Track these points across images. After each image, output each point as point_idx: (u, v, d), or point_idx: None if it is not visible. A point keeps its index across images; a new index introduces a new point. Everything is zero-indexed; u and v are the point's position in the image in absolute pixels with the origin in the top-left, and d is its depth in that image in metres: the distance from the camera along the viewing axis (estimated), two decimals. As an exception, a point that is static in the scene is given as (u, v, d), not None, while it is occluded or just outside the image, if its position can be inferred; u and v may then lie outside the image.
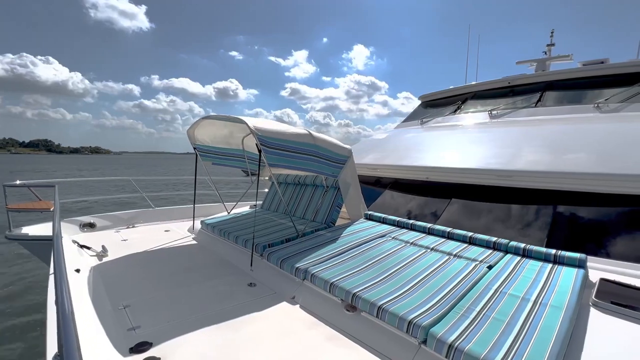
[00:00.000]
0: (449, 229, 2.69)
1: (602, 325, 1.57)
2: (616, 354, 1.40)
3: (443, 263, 2.18)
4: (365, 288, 1.90)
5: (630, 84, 3.86)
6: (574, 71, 4.53)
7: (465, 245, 2.48)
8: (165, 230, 3.82)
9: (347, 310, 1.87)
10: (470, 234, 2.56)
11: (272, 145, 2.58)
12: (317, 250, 2.51)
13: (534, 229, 2.67)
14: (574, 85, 4.42)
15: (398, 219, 3.09)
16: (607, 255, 2.28)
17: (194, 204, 3.90)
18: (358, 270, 2.15)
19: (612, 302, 1.68)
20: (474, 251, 2.34)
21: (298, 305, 2.06)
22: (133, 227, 3.95)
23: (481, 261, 2.16)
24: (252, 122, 2.54)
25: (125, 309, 1.93)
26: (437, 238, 2.67)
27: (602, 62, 4.66)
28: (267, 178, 4.18)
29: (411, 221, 2.98)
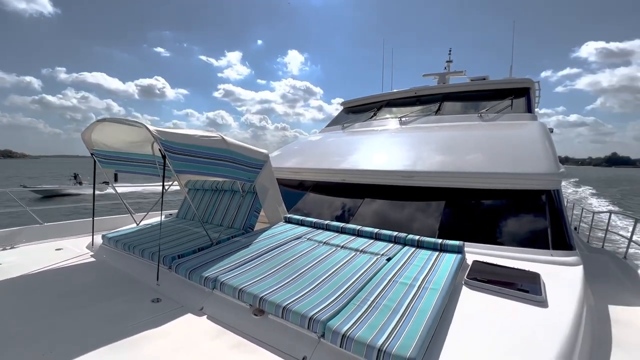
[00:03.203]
0: (359, 227, 2.89)
1: (470, 300, 1.86)
2: (478, 322, 1.67)
3: (349, 259, 2.33)
4: (273, 290, 1.92)
5: (503, 98, 4.67)
6: (463, 85, 5.30)
7: (372, 241, 2.70)
8: (57, 249, 3.31)
9: (254, 314, 1.87)
10: (376, 230, 2.78)
11: (178, 151, 2.45)
12: (230, 257, 2.46)
13: (430, 222, 3.03)
14: (464, 97, 5.17)
15: (315, 220, 3.20)
16: (484, 241, 2.71)
17: (93, 216, 3.46)
18: (269, 274, 2.17)
19: (478, 280, 2.01)
20: (378, 246, 2.56)
21: (205, 316, 1.99)
22: (12, 247, 3.33)
23: (382, 255, 2.38)
24: (155, 127, 2.37)
25: None
26: (348, 236, 2.84)
27: (484, 79, 5.56)
28: (167, 188, 3.80)
29: (326, 222, 3.12)
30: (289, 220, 3.37)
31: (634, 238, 3.34)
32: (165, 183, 2.67)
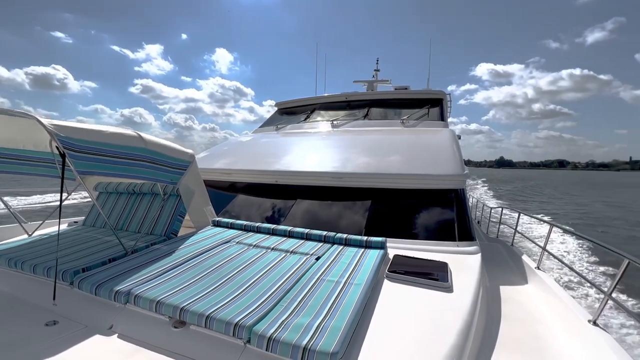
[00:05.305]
0: (289, 228, 2.90)
1: (390, 292, 2.02)
2: (396, 312, 1.82)
3: (279, 261, 2.32)
4: (196, 299, 1.80)
5: (421, 107, 5.19)
6: (387, 93, 5.75)
7: (302, 241, 2.73)
8: None
9: (174, 327, 1.73)
10: (307, 230, 2.83)
11: (82, 149, 2.13)
12: (147, 267, 2.23)
13: (357, 220, 3.20)
14: (388, 104, 5.61)
15: (245, 223, 3.11)
16: (404, 236, 2.96)
17: None
18: (193, 282, 2.03)
19: (397, 272, 2.19)
20: (308, 246, 2.60)
21: (115, 335, 1.77)
22: None
23: (312, 254, 2.42)
24: (52, 120, 2.03)
25: None
26: (280, 238, 2.83)
27: (406, 88, 6.11)
28: (69, 192, 3.18)
29: (257, 224, 3.06)
30: (217, 224, 3.22)
31: (518, 228, 4.02)
32: (68, 186, 2.31)
